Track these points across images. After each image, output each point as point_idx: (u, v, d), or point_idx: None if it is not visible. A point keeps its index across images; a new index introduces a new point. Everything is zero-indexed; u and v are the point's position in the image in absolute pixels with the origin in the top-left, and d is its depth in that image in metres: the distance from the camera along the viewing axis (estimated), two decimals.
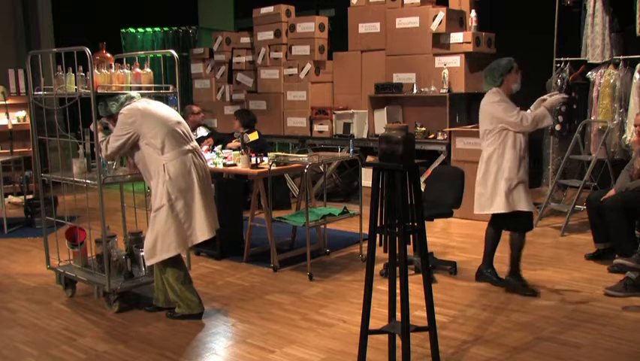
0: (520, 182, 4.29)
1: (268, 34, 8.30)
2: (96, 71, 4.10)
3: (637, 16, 5.91)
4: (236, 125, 7.24)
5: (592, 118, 6.32)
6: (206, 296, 4.36)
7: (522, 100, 4.55)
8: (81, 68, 4.15)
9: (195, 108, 7.51)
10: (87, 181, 4.15)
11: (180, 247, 3.94)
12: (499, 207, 4.30)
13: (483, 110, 4.42)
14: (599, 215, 4.91)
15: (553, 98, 4.46)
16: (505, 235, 4.48)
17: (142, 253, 4.21)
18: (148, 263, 4.03)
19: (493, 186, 4.32)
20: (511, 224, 4.41)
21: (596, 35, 6.21)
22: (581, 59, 6.32)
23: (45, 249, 4.65)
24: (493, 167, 4.34)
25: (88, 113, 4.05)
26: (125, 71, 4.28)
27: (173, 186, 3.84)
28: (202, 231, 3.95)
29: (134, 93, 4.08)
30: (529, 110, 4.40)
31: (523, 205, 4.30)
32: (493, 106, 4.34)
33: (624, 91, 6.13)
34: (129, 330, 3.89)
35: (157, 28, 10.97)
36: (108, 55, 4.36)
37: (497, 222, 4.48)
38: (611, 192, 4.86)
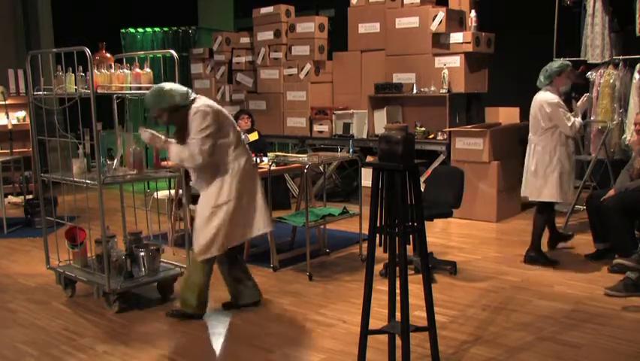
0: (569, 174, 4.85)
1: (268, 35, 8.30)
2: (96, 71, 4.10)
3: (637, 16, 5.91)
4: (246, 123, 7.27)
5: (591, 118, 6.32)
6: None
7: (522, 99, 4.57)
8: (81, 68, 4.15)
9: None
10: (87, 181, 4.14)
11: (238, 239, 4.02)
12: (553, 196, 4.84)
13: (541, 109, 4.80)
14: (598, 215, 4.91)
15: (580, 104, 5.00)
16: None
17: (192, 248, 4.03)
18: (200, 258, 3.88)
19: (545, 177, 4.82)
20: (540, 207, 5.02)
21: (595, 35, 6.21)
22: (581, 59, 6.32)
23: (45, 249, 4.64)
24: (547, 160, 4.81)
25: (88, 113, 4.04)
26: (125, 71, 4.28)
27: (241, 182, 3.90)
28: (263, 223, 4.04)
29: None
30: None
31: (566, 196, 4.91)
32: (553, 109, 4.74)
33: (624, 91, 6.12)
34: (129, 330, 3.89)
35: (157, 28, 10.97)
36: (108, 55, 4.35)
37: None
38: (611, 192, 4.86)
